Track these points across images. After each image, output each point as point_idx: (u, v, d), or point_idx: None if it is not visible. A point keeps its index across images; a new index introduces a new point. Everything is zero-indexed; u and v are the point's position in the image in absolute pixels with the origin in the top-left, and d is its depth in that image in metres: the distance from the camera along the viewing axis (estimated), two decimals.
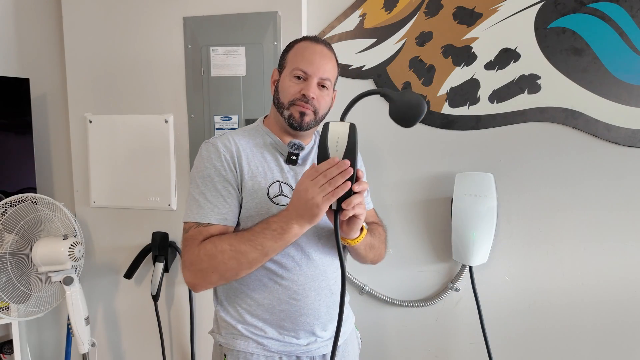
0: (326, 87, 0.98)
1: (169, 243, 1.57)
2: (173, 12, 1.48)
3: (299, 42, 1.00)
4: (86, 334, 1.46)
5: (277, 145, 1.01)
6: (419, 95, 0.79)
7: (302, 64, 0.95)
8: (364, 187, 0.80)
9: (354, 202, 0.79)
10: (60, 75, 1.68)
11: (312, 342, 0.98)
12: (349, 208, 0.79)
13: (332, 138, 0.78)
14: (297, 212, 0.82)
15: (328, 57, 0.98)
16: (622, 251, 1.36)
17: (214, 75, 1.46)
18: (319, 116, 0.98)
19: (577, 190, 1.38)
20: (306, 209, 0.80)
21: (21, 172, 1.61)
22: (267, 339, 0.96)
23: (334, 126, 0.79)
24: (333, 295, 0.99)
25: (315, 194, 0.78)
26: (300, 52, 0.98)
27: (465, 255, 1.39)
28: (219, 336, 1.00)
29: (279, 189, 0.95)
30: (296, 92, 0.96)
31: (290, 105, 0.96)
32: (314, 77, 0.95)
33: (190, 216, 0.93)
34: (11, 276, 1.37)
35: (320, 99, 0.97)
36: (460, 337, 1.51)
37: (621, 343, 1.40)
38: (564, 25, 1.33)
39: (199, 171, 0.95)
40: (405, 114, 0.80)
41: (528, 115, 1.38)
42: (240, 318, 0.97)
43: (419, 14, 1.42)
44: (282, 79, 0.99)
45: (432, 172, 1.46)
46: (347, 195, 0.78)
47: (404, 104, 0.80)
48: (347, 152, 0.77)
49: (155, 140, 1.54)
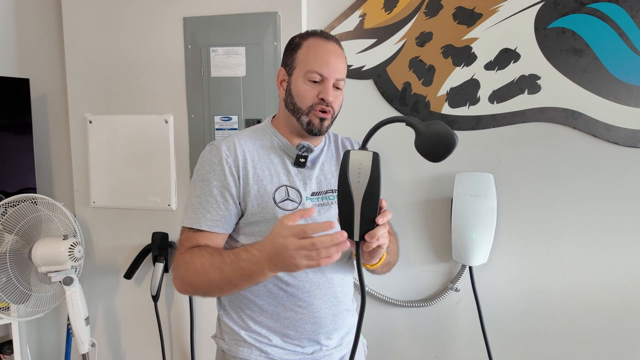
0: (340, 88, 0.95)
1: (169, 243, 1.57)
2: (173, 12, 1.48)
3: (307, 39, 0.94)
4: (86, 334, 1.46)
5: (285, 148, 0.97)
6: (449, 128, 0.71)
7: (317, 66, 0.91)
8: (388, 218, 0.75)
9: (378, 234, 0.74)
10: (60, 75, 1.68)
11: (317, 351, 0.96)
12: (372, 240, 0.74)
13: (354, 168, 0.72)
14: (272, 262, 0.75)
15: (341, 55, 0.94)
16: (622, 251, 1.36)
17: (214, 76, 1.46)
18: (334, 117, 0.97)
19: (577, 190, 1.38)
20: (283, 264, 0.74)
21: (21, 172, 1.61)
22: (270, 346, 0.94)
23: (355, 155, 0.72)
24: (340, 303, 0.98)
25: (297, 257, 0.72)
26: (312, 52, 0.92)
27: (465, 256, 1.39)
28: (222, 342, 0.98)
29: (285, 194, 0.93)
30: (314, 96, 0.92)
31: (310, 111, 0.92)
32: (330, 79, 0.91)
33: (185, 220, 0.92)
34: (11, 276, 1.37)
35: (336, 99, 0.94)
36: (460, 337, 1.51)
37: (621, 343, 1.40)
38: (564, 26, 1.33)
39: (199, 174, 0.93)
40: (432, 147, 0.71)
41: (528, 115, 1.38)
42: (244, 324, 0.95)
43: (419, 14, 1.43)
44: (294, 81, 0.94)
45: (432, 172, 1.46)
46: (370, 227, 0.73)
47: (431, 137, 0.71)
48: (370, 183, 0.71)
49: (155, 140, 1.54)
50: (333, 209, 0.98)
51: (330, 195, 0.99)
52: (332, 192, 0.99)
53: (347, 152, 0.73)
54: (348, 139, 1.11)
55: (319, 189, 0.98)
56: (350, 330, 1.05)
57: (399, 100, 1.47)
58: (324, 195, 0.98)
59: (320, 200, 0.97)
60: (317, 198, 0.97)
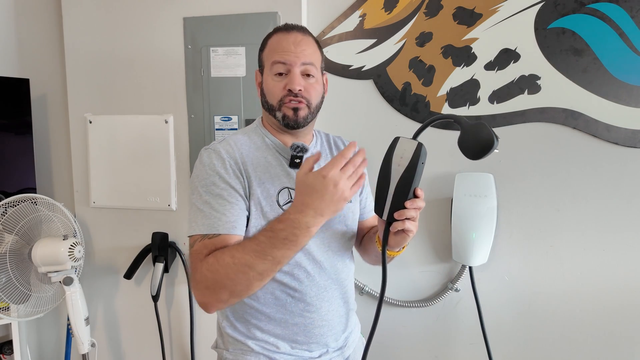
0: (312, 74, 0.91)
1: (169, 243, 1.57)
2: (173, 12, 1.48)
3: (270, 37, 0.94)
4: (86, 334, 1.46)
5: (279, 148, 0.95)
6: (492, 132, 0.74)
7: (277, 56, 0.89)
8: (418, 205, 0.79)
9: (407, 213, 0.78)
10: (60, 75, 1.68)
11: (324, 354, 0.95)
12: (401, 218, 0.78)
13: (398, 153, 0.79)
14: (317, 211, 0.74)
15: (305, 41, 0.91)
16: (622, 251, 1.36)
17: (214, 76, 1.46)
18: (313, 107, 0.92)
19: (577, 190, 1.38)
20: (332, 203, 0.74)
21: (21, 172, 1.61)
22: (279, 354, 0.92)
23: (403, 142, 0.79)
24: (346, 304, 0.97)
25: (345, 188, 0.74)
26: (274, 45, 0.91)
27: (465, 256, 1.39)
28: (227, 352, 0.95)
29: (288, 196, 0.91)
30: (280, 89, 0.89)
31: (281, 106, 0.90)
32: (294, 66, 0.88)
33: (195, 228, 0.84)
34: (11, 276, 1.37)
35: (309, 88, 0.90)
36: (460, 337, 1.51)
37: (621, 343, 1.40)
38: (564, 26, 1.33)
39: (201, 179, 0.87)
40: (471, 146, 0.77)
41: (528, 115, 1.38)
42: (250, 334, 0.92)
43: (419, 15, 1.43)
44: (264, 79, 0.93)
45: (432, 172, 1.46)
46: (399, 209, 0.78)
47: (472, 136, 0.76)
48: (407, 169, 0.77)
49: (155, 140, 1.54)
50: None
51: None
52: None
53: (396, 138, 0.80)
54: (339, 138, 1.09)
55: None
56: (354, 329, 1.04)
57: (399, 100, 1.47)
58: None
59: None
60: None
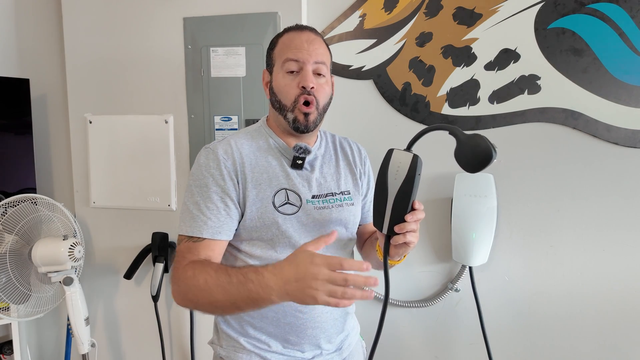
0: (322, 74, 0.92)
1: (169, 243, 1.57)
2: (173, 12, 1.48)
3: (282, 36, 0.94)
4: (86, 335, 1.46)
5: (282, 149, 0.95)
6: (489, 143, 0.72)
7: (291, 53, 0.89)
8: (418, 217, 0.78)
9: (406, 228, 0.77)
10: (60, 75, 1.68)
11: (317, 356, 0.95)
12: (402, 232, 0.77)
13: (394, 165, 0.77)
14: (286, 288, 0.69)
15: (317, 41, 0.92)
16: (622, 251, 1.36)
17: (214, 76, 1.46)
18: (321, 109, 0.93)
19: (577, 190, 1.38)
20: (299, 293, 0.68)
21: (21, 173, 1.61)
22: (270, 352, 0.92)
23: (397, 154, 0.78)
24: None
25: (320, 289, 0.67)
26: (286, 43, 0.92)
27: (465, 256, 1.39)
28: (220, 349, 0.96)
29: (285, 198, 0.90)
30: (294, 87, 0.89)
31: (294, 107, 0.90)
32: (307, 63, 0.89)
33: (183, 229, 0.87)
34: (11, 276, 1.37)
35: (320, 88, 0.91)
36: (460, 337, 1.51)
37: (621, 343, 1.40)
38: (564, 26, 1.33)
39: (195, 179, 0.89)
40: (469, 158, 0.74)
41: (528, 115, 1.38)
42: (243, 331, 0.93)
43: (419, 15, 1.43)
44: (275, 78, 0.93)
45: (432, 173, 1.46)
46: (399, 222, 0.78)
47: (470, 148, 0.74)
48: (405, 182, 0.76)
49: (155, 140, 1.54)
50: (334, 212, 0.95)
51: (330, 199, 0.96)
52: (332, 195, 0.96)
53: (390, 150, 0.79)
54: (346, 139, 1.09)
55: (319, 192, 0.95)
56: (350, 333, 1.03)
57: (399, 100, 1.47)
58: (324, 199, 0.95)
59: (320, 204, 0.94)
60: (317, 201, 0.94)
